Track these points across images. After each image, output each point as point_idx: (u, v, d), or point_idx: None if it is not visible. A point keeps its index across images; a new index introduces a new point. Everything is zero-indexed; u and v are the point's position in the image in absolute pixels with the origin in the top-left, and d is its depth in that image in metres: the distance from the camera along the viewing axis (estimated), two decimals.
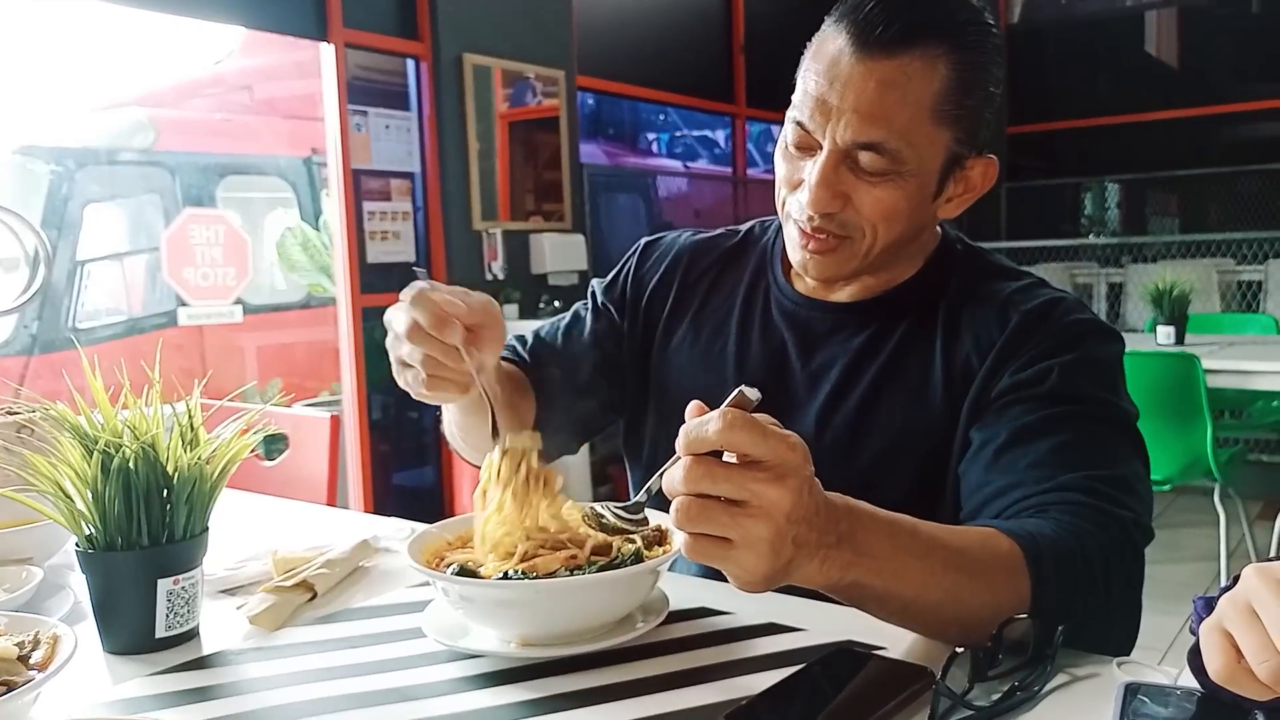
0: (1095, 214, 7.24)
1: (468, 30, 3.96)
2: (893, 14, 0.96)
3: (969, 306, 1.07)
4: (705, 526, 0.68)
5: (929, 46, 0.96)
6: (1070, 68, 6.98)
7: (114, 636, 0.91)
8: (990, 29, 1.03)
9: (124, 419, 0.91)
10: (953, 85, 0.97)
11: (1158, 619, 1.27)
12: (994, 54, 1.02)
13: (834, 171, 0.99)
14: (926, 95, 0.97)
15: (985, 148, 1.05)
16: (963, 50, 0.98)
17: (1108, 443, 0.97)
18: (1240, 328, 4.43)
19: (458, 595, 0.85)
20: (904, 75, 0.96)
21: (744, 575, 0.70)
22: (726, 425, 0.67)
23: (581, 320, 1.28)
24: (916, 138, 0.98)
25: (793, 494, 0.68)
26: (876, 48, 0.96)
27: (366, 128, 3.70)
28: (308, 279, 4.44)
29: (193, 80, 4.72)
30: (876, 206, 1.00)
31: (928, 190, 1.02)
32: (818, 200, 1.00)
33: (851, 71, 0.96)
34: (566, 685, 0.81)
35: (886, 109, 0.96)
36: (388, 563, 1.17)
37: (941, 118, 0.98)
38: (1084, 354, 1.01)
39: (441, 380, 0.93)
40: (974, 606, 0.81)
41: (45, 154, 3.99)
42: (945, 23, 0.98)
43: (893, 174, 0.99)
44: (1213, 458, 3.14)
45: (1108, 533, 0.88)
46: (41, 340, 3.90)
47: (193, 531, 0.92)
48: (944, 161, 1.01)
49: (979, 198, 1.08)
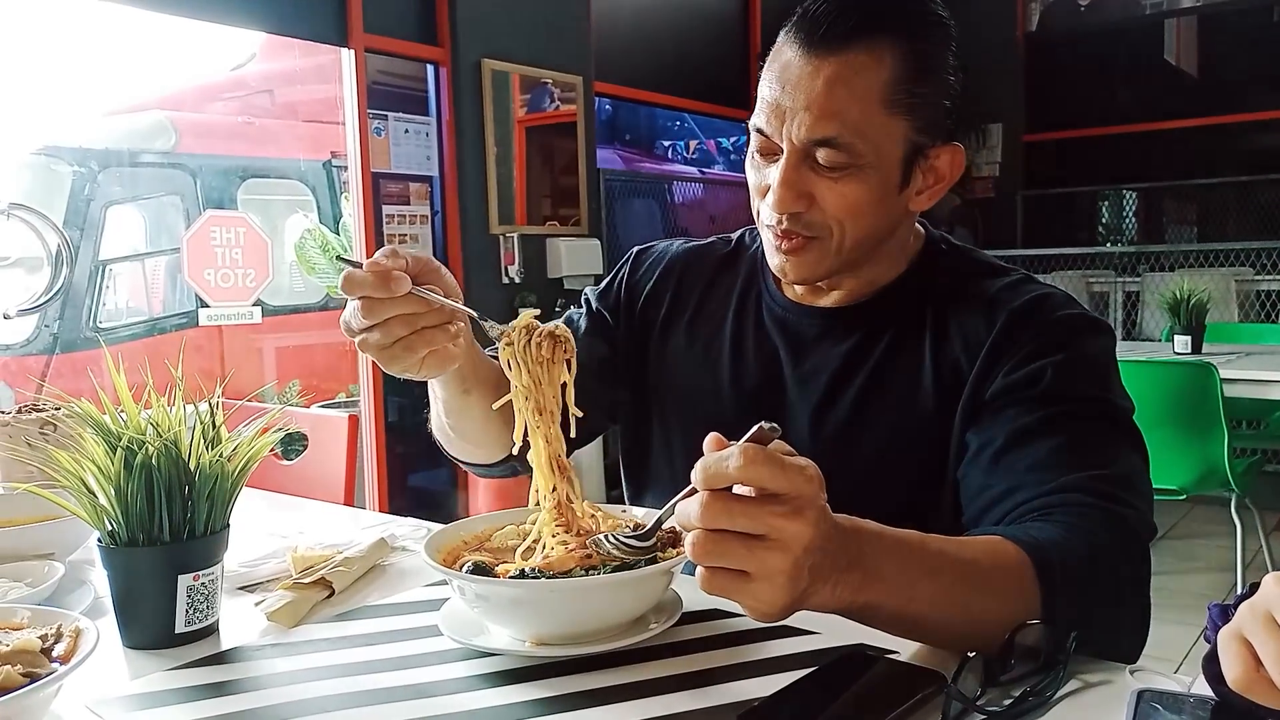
0: (1112, 222, 7.20)
1: (487, 36, 3.98)
2: (836, 12, 0.98)
3: (956, 306, 1.08)
4: (723, 561, 0.69)
5: (874, 39, 0.98)
6: (1088, 76, 6.95)
7: (134, 631, 0.92)
8: (938, 18, 1.03)
9: (147, 417, 0.92)
10: (902, 74, 0.98)
11: (1172, 629, 1.27)
12: (944, 40, 1.03)
13: (795, 171, 1.00)
14: (875, 86, 0.98)
15: (949, 136, 1.05)
16: (909, 40, 0.99)
17: (1106, 440, 0.97)
18: (1258, 337, 4.40)
19: (473, 594, 0.86)
20: (851, 70, 0.98)
21: (761, 607, 0.70)
22: (747, 462, 0.67)
23: (575, 324, 1.28)
24: (871, 129, 0.98)
25: (811, 527, 0.68)
26: (822, 46, 0.98)
27: (386, 132, 3.73)
28: (326, 281, 4.46)
29: (214, 83, 4.76)
30: (840, 202, 1.01)
31: (891, 182, 1.02)
32: (781, 200, 1.01)
33: (801, 72, 0.99)
34: (580, 684, 0.82)
35: (837, 104, 0.97)
36: (404, 561, 1.18)
37: (894, 107, 0.99)
38: (1076, 351, 1.01)
39: (425, 335, 0.92)
40: (985, 619, 0.81)
41: (68, 155, 4.03)
42: (889, 15, 1.00)
43: (852, 168, 0.99)
44: (1229, 468, 3.12)
45: (1113, 533, 0.88)
46: (63, 339, 3.93)
47: (213, 528, 0.93)
48: (905, 151, 1.02)
49: (950, 187, 1.08)
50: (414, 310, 0.91)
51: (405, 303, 0.91)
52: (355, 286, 0.90)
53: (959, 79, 1.04)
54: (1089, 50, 6.93)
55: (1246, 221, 6.40)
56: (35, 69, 3.88)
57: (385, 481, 3.69)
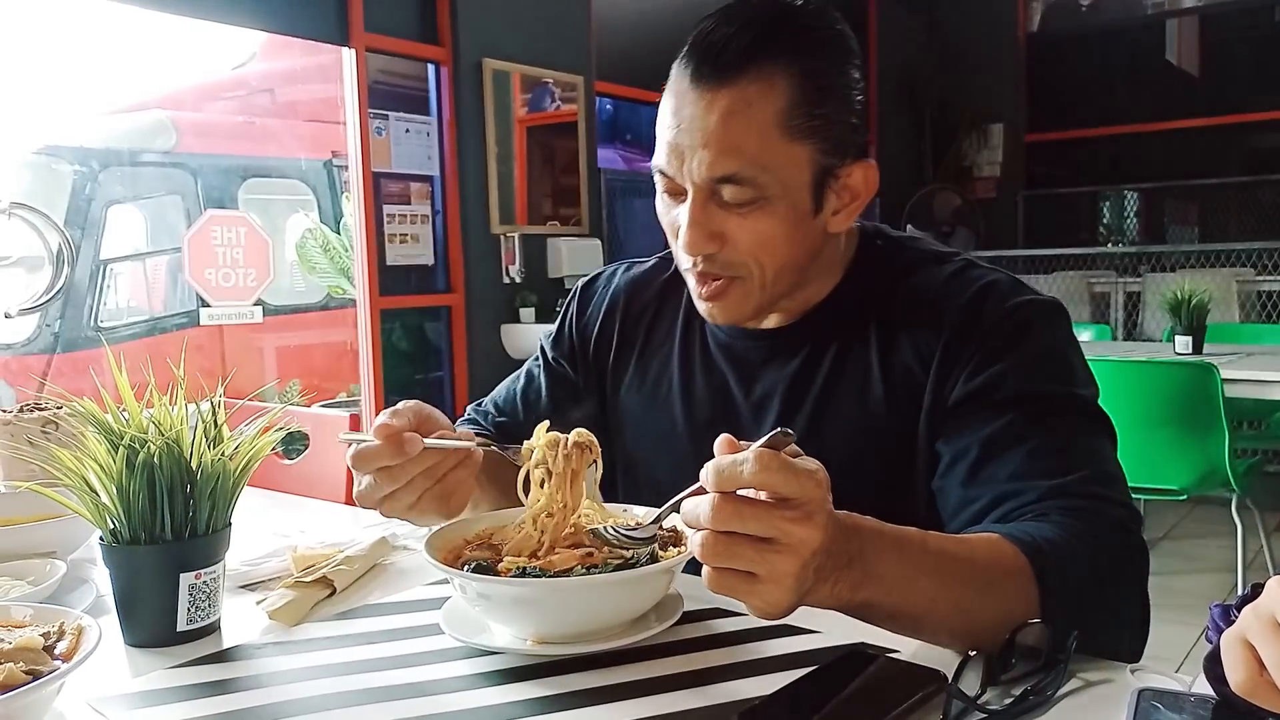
0: (1114, 222, 7.21)
1: (488, 36, 3.98)
2: (722, 42, 0.94)
3: (899, 309, 1.05)
4: (732, 563, 0.69)
5: (763, 66, 0.94)
6: (1090, 76, 6.95)
7: (136, 629, 0.92)
8: (832, 31, 0.99)
9: (149, 416, 0.92)
10: (798, 99, 0.95)
11: (1173, 629, 1.27)
12: (840, 56, 0.99)
13: (702, 211, 0.97)
14: (771, 115, 0.94)
15: (860, 151, 1.01)
16: (802, 61, 0.95)
17: (1080, 437, 0.96)
18: (1259, 338, 4.40)
19: (475, 592, 0.86)
20: (743, 101, 0.94)
21: (767, 608, 0.71)
22: (762, 468, 0.68)
23: (535, 380, 1.27)
24: (772, 160, 0.95)
25: (820, 531, 0.69)
26: (712, 79, 0.94)
27: (387, 131, 3.73)
28: (327, 281, 4.47)
29: (215, 83, 4.77)
30: (752, 239, 0.97)
31: (803, 209, 0.98)
32: (692, 243, 0.98)
33: (694, 108, 0.95)
34: (581, 683, 0.82)
35: (733, 139, 0.94)
36: (405, 560, 1.18)
37: (795, 133, 0.95)
38: (1032, 346, 0.98)
39: (449, 481, 0.95)
40: (983, 619, 0.81)
41: (69, 154, 4.04)
42: (777, 38, 0.95)
43: (759, 200, 0.96)
44: (1230, 468, 3.12)
45: (1110, 533, 0.88)
46: (64, 339, 3.94)
47: (215, 527, 0.93)
48: (813, 176, 0.98)
49: (869, 201, 1.04)
50: (433, 462, 0.93)
51: (422, 459, 0.92)
52: (370, 461, 0.92)
53: (862, 92, 1.01)
54: (1090, 50, 6.93)
55: (1248, 222, 6.40)
56: (36, 69, 3.89)
57: None
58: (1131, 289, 5.82)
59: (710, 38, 0.95)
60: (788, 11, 0.98)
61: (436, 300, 3.97)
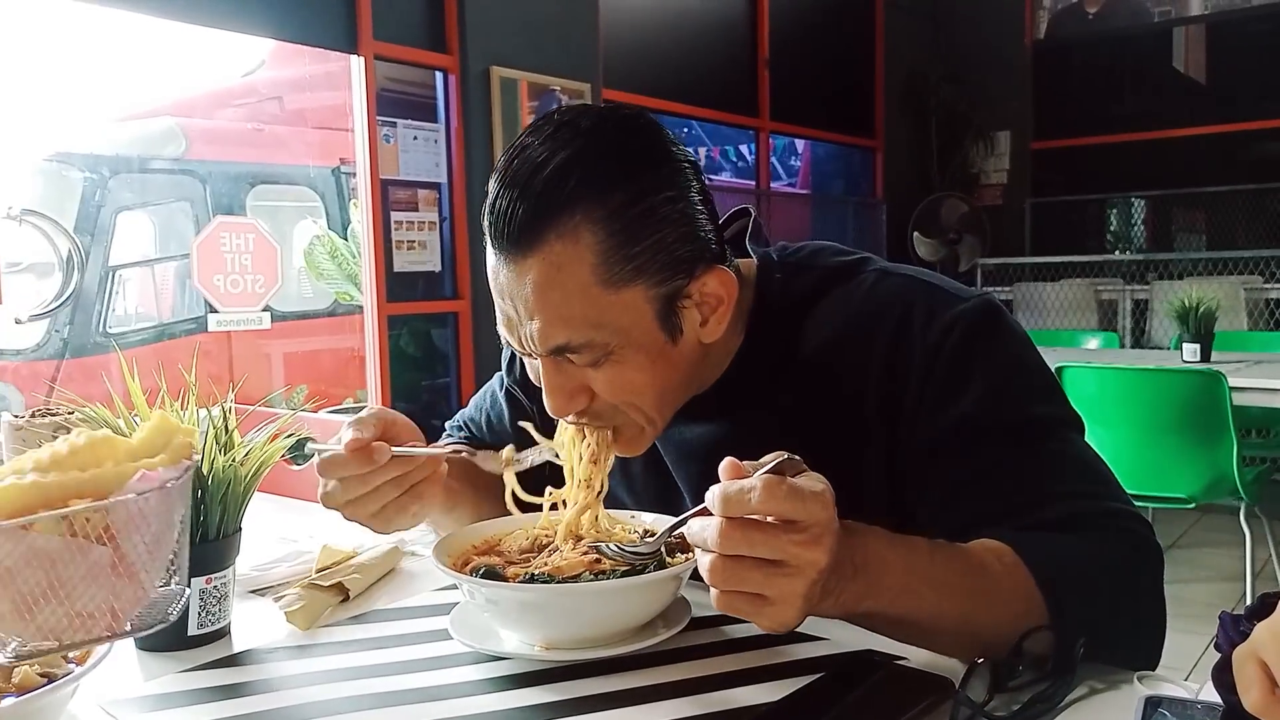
0: (1121, 230, 7.19)
1: (495, 44, 4.00)
2: (512, 200, 0.85)
3: (817, 353, 0.98)
4: (741, 586, 0.69)
5: (560, 220, 0.84)
6: (1097, 83, 6.95)
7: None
8: (626, 149, 0.88)
9: None
10: (609, 244, 0.85)
11: (1181, 638, 1.26)
12: (647, 173, 0.88)
13: (556, 374, 0.90)
14: (584, 273, 0.85)
15: (711, 259, 0.92)
16: (602, 200, 0.85)
17: (1066, 455, 0.92)
18: (1267, 346, 4.38)
19: (484, 598, 0.86)
20: (551, 266, 0.85)
21: (775, 626, 0.72)
22: (769, 495, 0.67)
23: (497, 403, 1.25)
24: (602, 317, 0.86)
25: (828, 554, 0.69)
26: (511, 247, 0.86)
27: (395, 139, 3.74)
28: (335, 287, 4.48)
29: (224, 90, 4.79)
30: (613, 388, 0.90)
31: (657, 345, 0.90)
32: (558, 407, 0.92)
33: (508, 280, 0.87)
34: (589, 689, 0.82)
35: (553, 309, 0.86)
36: (414, 565, 1.19)
37: (615, 282, 0.86)
38: (986, 369, 0.92)
39: (415, 492, 0.94)
40: (989, 629, 0.81)
41: (79, 161, 4.06)
42: (565, 184, 0.84)
43: (606, 356, 0.88)
44: (1238, 476, 3.11)
45: (1116, 537, 0.87)
46: (73, 345, 3.96)
47: (225, 532, 0.94)
48: (656, 311, 0.89)
49: (735, 302, 0.94)
50: (401, 471, 0.92)
51: (390, 467, 0.91)
52: (337, 468, 0.91)
53: (696, 190, 0.91)
54: (1097, 58, 6.93)
55: (1255, 230, 6.38)
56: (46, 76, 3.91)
57: None
58: (1139, 296, 5.81)
59: (502, 199, 0.86)
60: (573, 145, 0.86)
61: (443, 307, 3.98)
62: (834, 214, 6.88)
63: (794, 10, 5.88)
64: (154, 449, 0.64)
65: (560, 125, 0.88)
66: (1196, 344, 3.68)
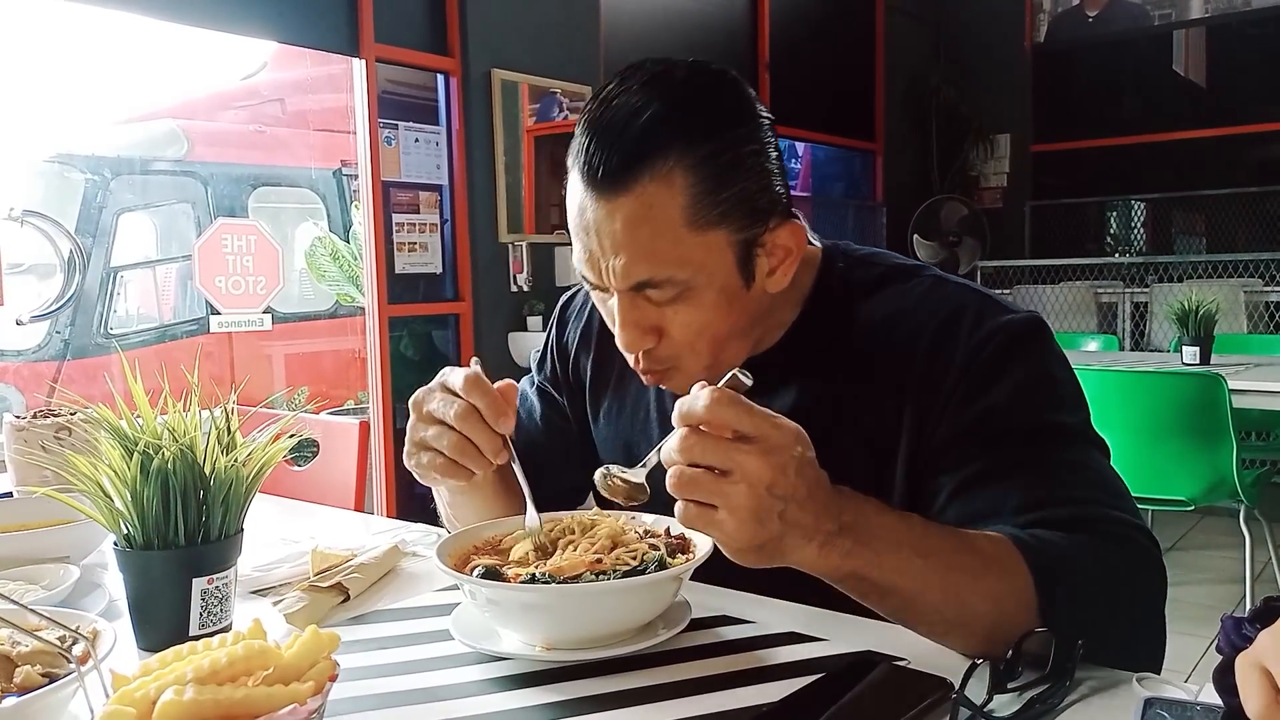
0: (1121, 233, 7.20)
1: (496, 46, 4.00)
2: (608, 145, 0.89)
3: (867, 338, 1.02)
4: (693, 493, 0.74)
5: (656, 164, 0.89)
6: (1097, 86, 6.95)
7: (149, 633, 0.93)
8: (720, 101, 0.94)
9: (162, 422, 0.93)
10: (700, 189, 0.90)
11: (1181, 640, 1.26)
12: (735, 125, 0.93)
13: (632, 310, 0.94)
14: (675, 213, 0.90)
15: (784, 213, 0.97)
16: (694, 148, 0.90)
17: (1077, 459, 0.94)
18: (1267, 348, 4.38)
19: (485, 598, 0.87)
20: (643, 205, 0.89)
21: (729, 542, 0.75)
22: (714, 400, 0.73)
23: (528, 400, 1.27)
24: (687, 255, 0.91)
25: (773, 469, 0.72)
26: (606, 186, 0.90)
27: (396, 141, 3.75)
28: (336, 289, 4.48)
29: (226, 92, 4.79)
30: (686, 331, 0.95)
31: (733, 288, 0.95)
32: (629, 341, 0.96)
33: (595, 217, 0.91)
34: (590, 689, 0.83)
35: (641, 245, 0.90)
36: (415, 566, 1.19)
37: (704, 224, 0.91)
38: (1018, 375, 0.95)
39: (460, 469, 0.95)
40: (977, 610, 0.82)
41: (81, 162, 4.06)
42: (664, 130, 0.89)
43: (685, 294, 0.93)
44: (1238, 479, 3.11)
45: (1115, 544, 0.88)
46: (74, 346, 3.96)
47: (228, 532, 0.94)
48: (736, 255, 0.94)
49: (801, 256, 1.00)
50: (484, 446, 0.93)
51: (487, 435, 0.92)
52: (477, 393, 0.92)
53: (774, 148, 0.96)
54: (1097, 61, 6.94)
55: (1255, 232, 6.39)
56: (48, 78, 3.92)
57: (394, 487, 3.70)
58: (1139, 299, 5.81)
59: (599, 140, 0.90)
60: (674, 93, 0.92)
61: (445, 308, 3.99)
62: (834, 216, 6.89)
63: (794, 13, 5.89)
64: (304, 662, 0.68)
65: (654, 75, 0.93)
66: (1196, 347, 3.68)
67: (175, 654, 0.69)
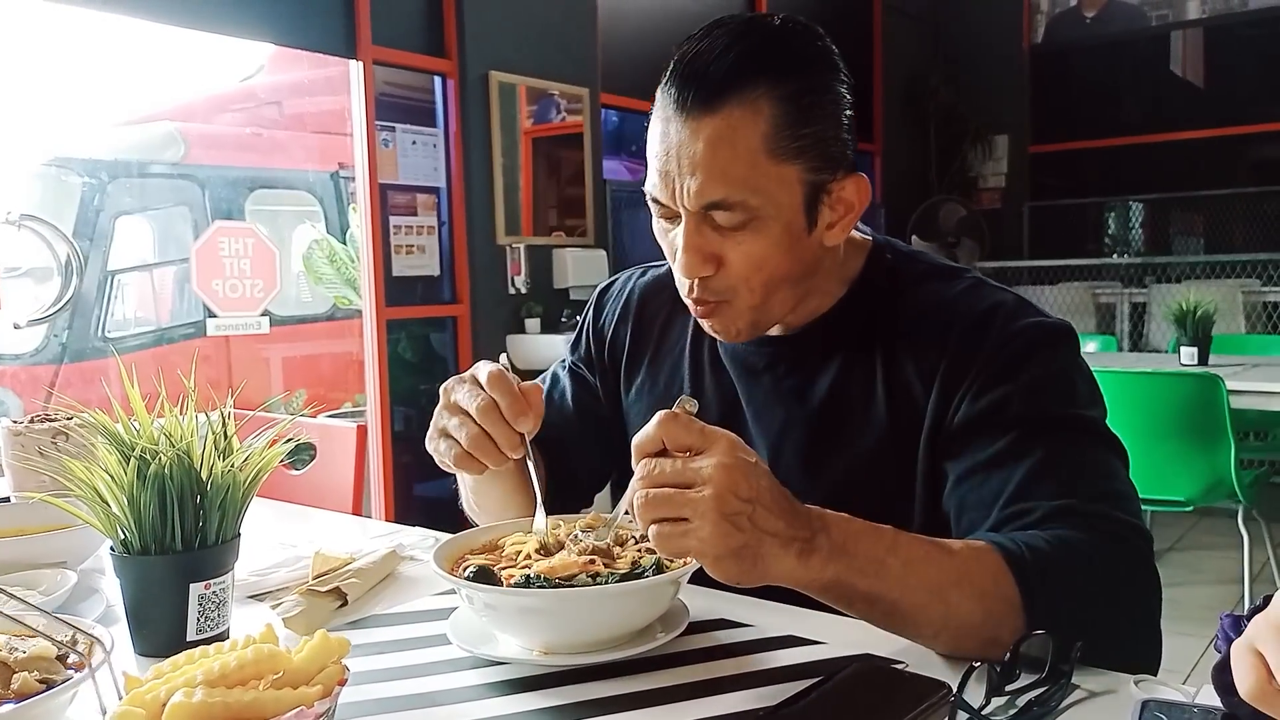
0: (1119, 233, 7.20)
1: (494, 48, 4.00)
2: (704, 70, 0.94)
3: (904, 324, 1.05)
4: (662, 510, 0.76)
5: (746, 91, 0.94)
6: (1094, 87, 6.96)
7: (146, 639, 0.93)
8: (814, 49, 0.99)
9: (159, 427, 0.93)
10: (783, 121, 0.95)
11: (1179, 641, 1.26)
12: (823, 73, 0.99)
13: (697, 234, 0.97)
14: (756, 139, 0.94)
15: (851, 166, 1.02)
16: (783, 83, 0.95)
17: (1086, 455, 0.95)
18: (1265, 349, 4.39)
19: (482, 603, 0.87)
20: (729, 127, 0.94)
21: (707, 549, 0.76)
22: (662, 422, 0.78)
23: (560, 382, 1.30)
24: (761, 183, 0.95)
25: (731, 472, 0.75)
26: (696, 107, 0.94)
27: (393, 143, 3.75)
28: (333, 291, 4.48)
29: (223, 95, 4.79)
30: (746, 261, 0.98)
31: (796, 227, 0.99)
32: (689, 265, 0.98)
33: (680, 136, 0.95)
34: (587, 693, 0.83)
35: (720, 165, 0.94)
36: (412, 570, 1.19)
37: (781, 155, 0.95)
38: (1037, 371, 0.98)
39: (475, 462, 0.96)
40: (962, 611, 0.83)
41: (78, 166, 4.06)
42: (758, 62, 0.95)
43: (751, 222, 0.96)
44: (1236, 480, 3.11)
45: (1110, 544, 0.88)
46: (71, 349, 3.95)
47: (225, 537, 0.94)
48: (804, 195, 0.98)
49: (862, 214, 1.04)
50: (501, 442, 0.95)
51: (505, 432, 0.95)
52: (498, 389, 0.95)
53: (850, 106, 1.01)
54: (1095, 62, 6.95)
55: (1253, 233, 6.40)
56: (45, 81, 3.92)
57: (391, 491, 3.70)
58: (1137, 300, 5.82)
59: (691, 66, 0.95)
60: (767, 33, 0.98)
61: (442, 311, 3.98)
62: None
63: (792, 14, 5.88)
64: (314, 666, 0.69)
65: (749, 21, 0.99)
66: (1194, 347, 3.69)
67: (187, 658, 0.69)
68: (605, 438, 1.26)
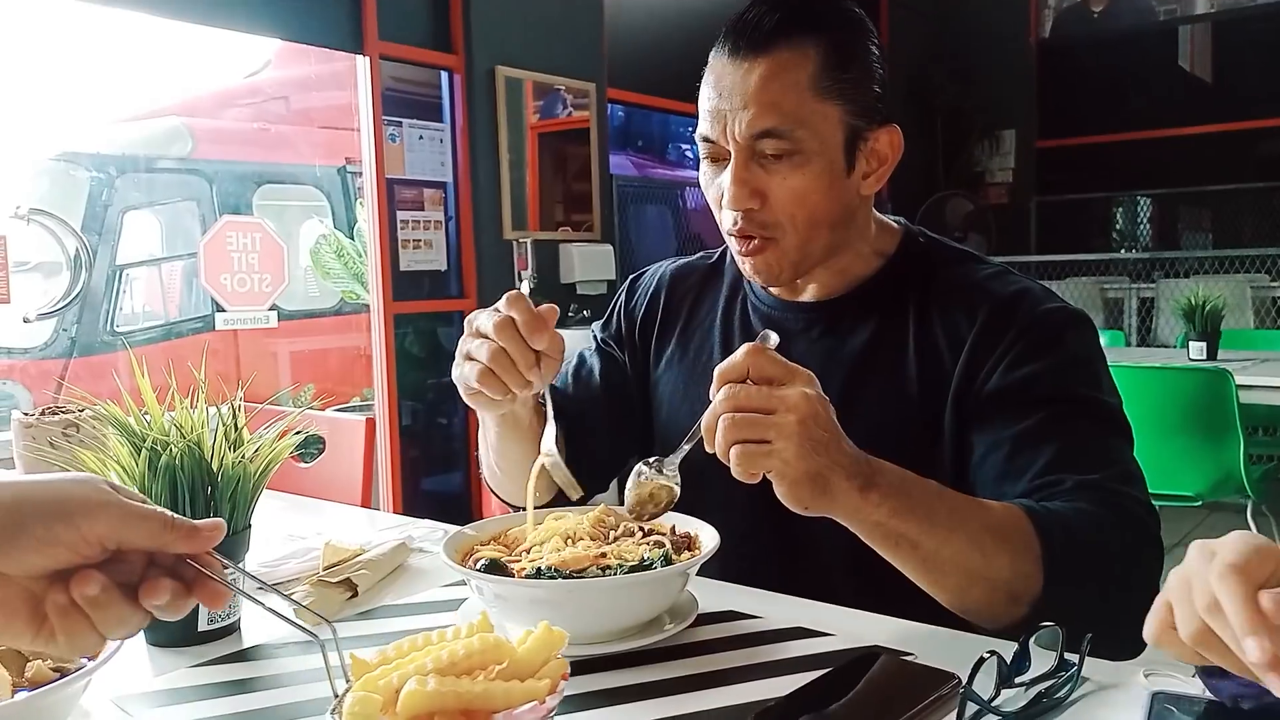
0: (1127, 228, 7.18)
1: (500, 43, 4.00)
2: (757, 20, 1.06)
3: (937, 297, 1.12)
4: (744, 433, 0.80)
5: (794, 37, 1.05)
6: (1103, 82, 6.93)
7: (157, 629, 0.93)
8: (853, 15, 1.12)
9: (170, 419, 0.94)
10: (826, 64, 1.05)
11: None
12: (860, 33, 1.10)
13: (745, 168, 1.06)
14: (804, 77, 1.04)
15: (885, 118, 1.11)
16: (828, 33, 1.06)
17: (1110, 440, 1.02)
18: (1274, 344, 4.37)
19: (492, 594, 0.87)
20: (779, 65, 1.04)
21: (788, 472, 0.80)
22: (750, 352, 0.83)
23: (587, 362, 1.34)
24: (807, 115, 1.04)
25: (807, 400, 0.81)
26: (749, 49, 1.05)
27: (400, 138, 3.75)
28: (341, 286, 4.48)
29: (230, 90, 4.80)
30: (790, 195, 1.06)
31: (837, 167, 1.07)
32: (736, 197, 1.06)
33: (734, 76, 1.05)
34: (597, 684, 0.83)
35: (771, 96, 1.04)
36: (422, 562, 1.19)
37: (825, 93, 1.05)
38: (1066, 352, 1.05)
39: (495, 380, 0.97)
40: (996, 564, 0.87)
41: (86, 161, 4.06)
42: (805, 15, 1.07)
43: (797, 155, 1.05)
44: (1245, 474, 3.10)
45: (1129, 521, 0.94)
46: (80, 343, 3.96)
47: (235, 528, 0.94)
48: (845, 135, 1.07)
49: (894, 169, 1.13)
50: (517, 359, 0.96)
51: (520, 348, 0.96)
52: (516, 307, 0.98)
53: (883, 67, 1.12)
54: (1103, 56, 6.92)
55: (1262, 228, 6.37)
56: (53, 76, 3.92)
57: (399, 484, 3.71)
58: (1145, 295, 5.80)
59: (745, 17, 1.06)
60: None
61: (449, 305, 3.99)
62: None
63: None
64: (537, 658, 0.68)
65: None
66: (1203, 342, 3.68)
67: (410, 644, 0.69)
68: (629, 414, 1.30)
